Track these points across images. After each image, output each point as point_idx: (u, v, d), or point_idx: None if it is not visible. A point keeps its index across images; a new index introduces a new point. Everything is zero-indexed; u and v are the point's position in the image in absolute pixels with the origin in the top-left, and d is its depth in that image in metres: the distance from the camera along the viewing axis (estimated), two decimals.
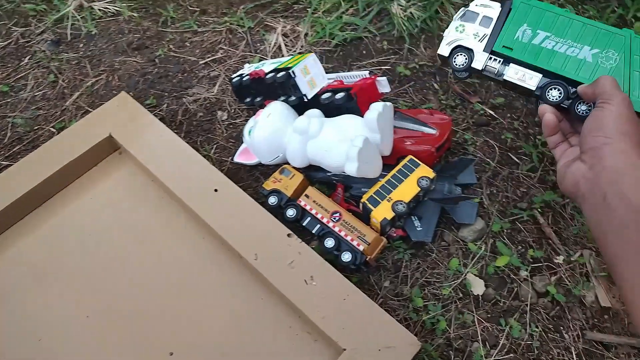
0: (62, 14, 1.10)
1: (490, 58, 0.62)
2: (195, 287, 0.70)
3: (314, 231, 0.70)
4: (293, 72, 0.76)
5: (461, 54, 0.64)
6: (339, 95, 0.75)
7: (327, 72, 0.84)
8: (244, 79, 0.86)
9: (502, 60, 0.62)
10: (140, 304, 0.69)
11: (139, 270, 0.72)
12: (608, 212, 0.46)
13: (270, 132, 0.75)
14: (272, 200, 0.73)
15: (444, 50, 0.66)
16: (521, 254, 0.71)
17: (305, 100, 0.78)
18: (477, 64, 0.63)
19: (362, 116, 0.73)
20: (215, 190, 0.73)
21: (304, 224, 0.71)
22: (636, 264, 0.43)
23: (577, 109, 0.58)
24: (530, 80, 0.61)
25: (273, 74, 0.79)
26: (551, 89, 0.59)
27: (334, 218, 0.70)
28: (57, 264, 0.73)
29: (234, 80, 0.88)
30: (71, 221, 0.77)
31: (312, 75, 0.79)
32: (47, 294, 0.71)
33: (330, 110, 0.78)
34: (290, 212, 0.72)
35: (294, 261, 0.66)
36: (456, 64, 0.64)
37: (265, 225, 0.69)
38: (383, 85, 0.78)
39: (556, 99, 0.59)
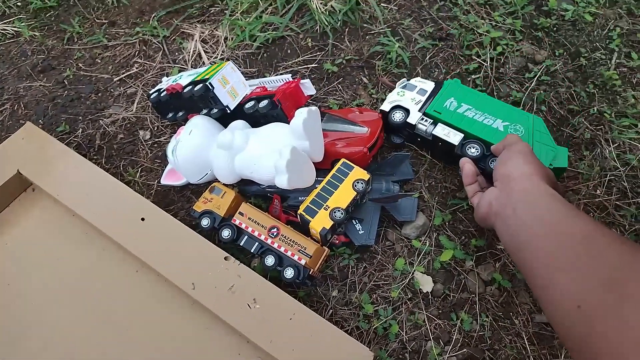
0: None
1: (423, 119, 0.73)
2: (136, 324, 0.65)
3: (252, 250, 0.67)
4: (210, 83, 0.72)
5: (399, 111, 0.75)
6: (263, 104, 0.72)
7: (250, 78, 0.80)
8: (162, 94, 0.80)
9: (431, 121, 0.73)
10: (78, 350, 0.64)
11: (72, 315, 0.66)
12: (519, 223, 0.53)
13: (194, 150, 0.71)
14: (205, 222, 0.69)
15: (385, 106, 0.76)
16: (465, 244, 0.70)
17: (228, 111, 0.74)
18: (412, 119, 0.74)
19: (289, 122, 0.70)
20: (142, 219, 0.68)
21: (241, 244, 0.68)
22: (545, 264, 0.47)
23: (491, 164, 0.68)
24: (454, 137, 0.71)
25: (190, 87, 0.75)
26: (470, 147, 0.70)
27: (272, 234, 0.67)
28: None
29: (152, 96, 0.83)
30: None
31: (232, 85, 0.74)
32: None
33: (257, 119, 0.74)
34: (226, 233, 0.68)
35: (234, 285, 0.62)
36: (394, 119, 0.75)
37: (200, 251, 0.65)
38: (307, 87, 0.76)
39: (474, 154, 0.69)
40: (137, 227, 0.68)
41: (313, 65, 0.94)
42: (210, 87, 0.72)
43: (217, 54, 0.96)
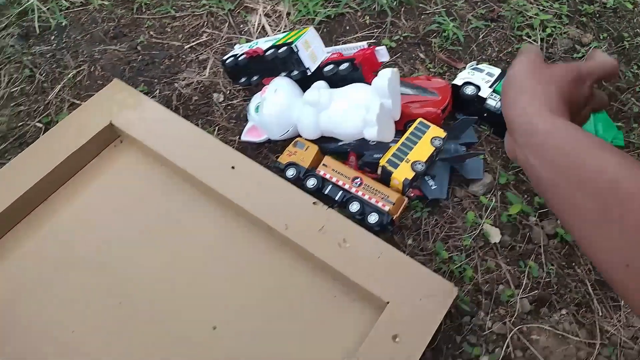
0: (25, 7, 1.05)
1: (492, 94, 0.79)
2: (229, 264, 0.70)
3: (336, 198, 0.72)
4: (296, 46, 0.77)
5: (470, 86, 0.81)
6: (344, 66, 0.77)
7: None
8: (240, 58, 0.85)
9: (499, 98, 0.78)
10: (175, 285, 0.68)
11: (166, 254, 0.71)
12: (536, 174, 0.45)
13: (280, 107, 0.76)
14: (290, 172, 0.74)
15: (457, 81, 0.83)
16: (528, 202, 0.76)
17: (309, 73, 0.80)
18: (483, 93, 0.80)
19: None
20: (233, 167, 0.73)
21: (325, 193, 0.73)
22: (578, 219, 0.40)
23: None
24: None
25: (273, 50, 0.80)
26: None
27: (356, 183, 0.72)
28: (75, 258, 0.71)
29: (227, 61, 0.88)
30: (80, 214, 0.75)
31: (312, 49, 0.80)
32: (69, 289, 0.68)
33: (334, 81, 0.79)
34: (311, 182, 0.73)
35: (324, 227, 0.67)
36: (466, 92, 0.81)
37: (290, 196, 0.70)
38: (382, 54, 0.81)
39: None
40: (228, 174, 0.73)
41: (371, 41, 0.99)
42: (295, 50, 0.77)
43: (280, 28, 1.01)
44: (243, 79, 0.89)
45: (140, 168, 0.78)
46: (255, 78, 0.87)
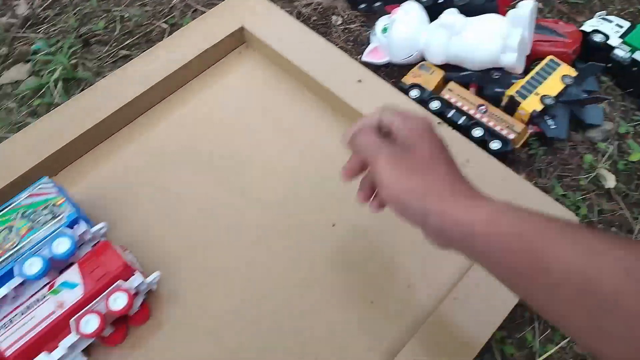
0: None
1: (621, 45, 0.79)
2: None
3: (459, 122, 0.73)
4: None
5: (599, 34, 0.80)
6: None
7: None
8: None
9: (629, 49, 0.79)
10: (296, 186, 0.70)
11: (287, 158, 0.73)
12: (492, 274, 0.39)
13: (410, 29, 0.77)
14: (414, 93, 0.76)
15: (586, 28, 0.83)
16: None
17: (439, 1, 0.80)
18: (612, 42, 0.80)
19: None
20: (359, 80, 0.75)
21: (448, 116, 0.74)
22: (577, 331, 0.32)
23: None
24: None
25: None
26: None
27: (481, 110, 0.73)
28: (193, 152, 0.74)
29: None
30: (202, 111, 0.77)
31: None
32: (187, 183, 0.71)
33: (465, 12, 0.79)
34: (435, 105, 0.74)
35: (448, 145, 0.69)
36: (594, 39, 0.80)
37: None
38: None
39: None
40: (355, 87, 0.74)
41: None
42: None
43: None
44: (363, 5, 0.90)
45: (266, 73, 0.81)
46: (377, 4, 0.88)
